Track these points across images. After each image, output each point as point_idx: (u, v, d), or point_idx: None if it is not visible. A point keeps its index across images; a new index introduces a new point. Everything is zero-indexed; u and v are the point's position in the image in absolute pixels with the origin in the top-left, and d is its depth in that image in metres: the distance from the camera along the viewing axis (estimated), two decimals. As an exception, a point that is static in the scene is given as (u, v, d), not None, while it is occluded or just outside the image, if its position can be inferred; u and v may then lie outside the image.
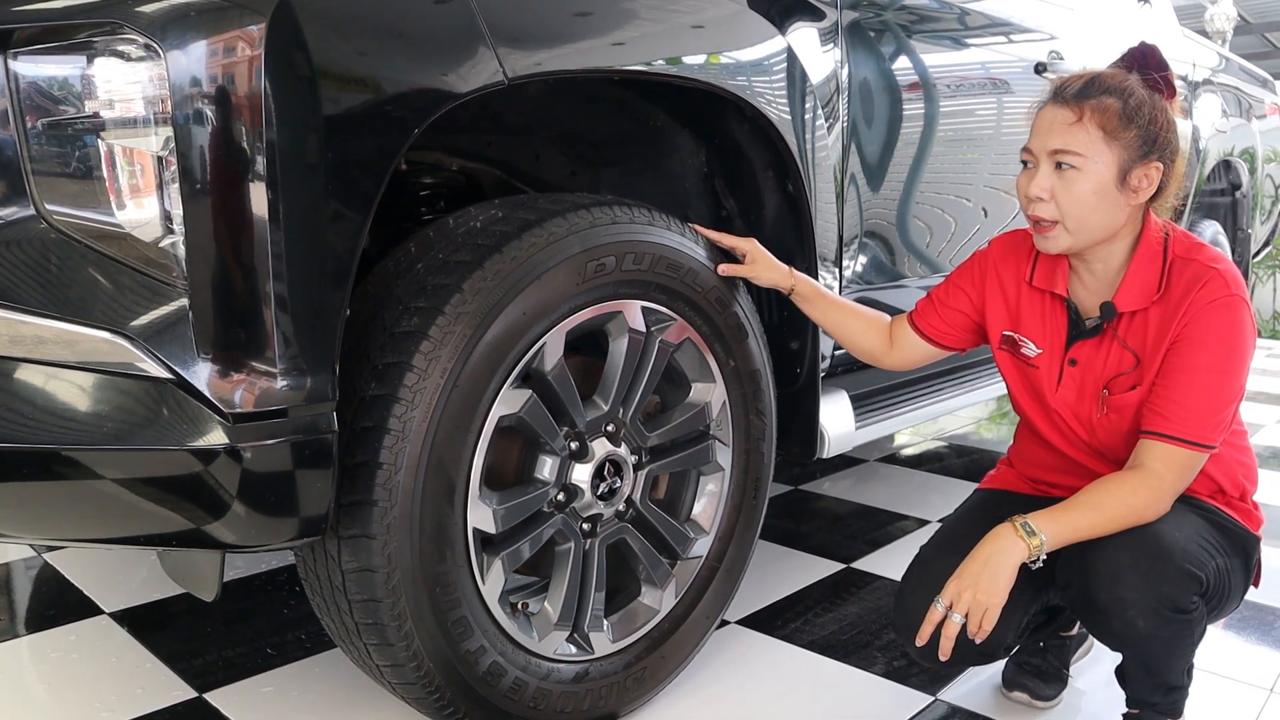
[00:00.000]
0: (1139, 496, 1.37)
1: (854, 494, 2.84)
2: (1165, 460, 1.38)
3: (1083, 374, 1.50)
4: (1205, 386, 1.38)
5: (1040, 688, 1.69)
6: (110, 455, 1.13)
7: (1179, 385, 1.39)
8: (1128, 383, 1.45)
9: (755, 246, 1.64)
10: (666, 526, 1.62)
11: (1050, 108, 1.40)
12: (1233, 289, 1.39)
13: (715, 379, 1.63)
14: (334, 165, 1.13)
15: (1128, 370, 1.45)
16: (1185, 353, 1.39)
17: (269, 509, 1.15)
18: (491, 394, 1.33)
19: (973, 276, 1.62)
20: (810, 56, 1.71)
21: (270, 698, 1.65)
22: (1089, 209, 1.38)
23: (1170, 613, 1.34)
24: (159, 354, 1.11)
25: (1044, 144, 1.39)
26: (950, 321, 1.64)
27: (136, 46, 1.07)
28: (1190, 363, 1.38)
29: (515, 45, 1.28)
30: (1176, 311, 1.40)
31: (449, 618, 1.34)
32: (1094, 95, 1.37)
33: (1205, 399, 1.38)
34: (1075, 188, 1.37)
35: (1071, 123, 1.36)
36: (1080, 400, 1.51)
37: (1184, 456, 1.38)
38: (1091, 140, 1.36)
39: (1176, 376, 1.39)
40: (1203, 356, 1.38)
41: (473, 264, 1.31)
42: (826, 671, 1.80)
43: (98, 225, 1.12)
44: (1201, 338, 1.38)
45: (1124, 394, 1.46)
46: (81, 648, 1.80)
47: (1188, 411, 1.38)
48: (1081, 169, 1.36)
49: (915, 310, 1.69)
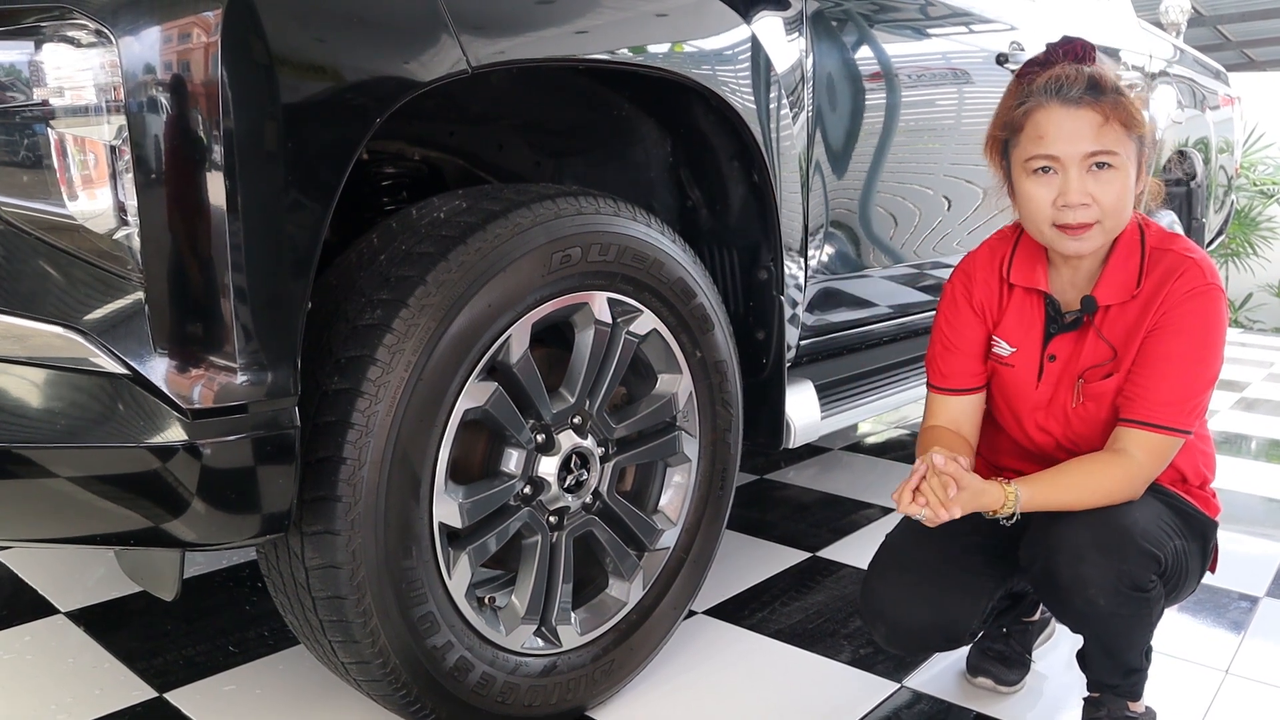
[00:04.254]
0: (1114, 480, 1.40)
1: (818, 482, 2.86)
2: (1143, 447, 1.40)
3: (1061, 368, 1.51)
4: (1182, 374, 1.39)
5: (1004, 673, 1.71)
6: (64, 453, 1.10)
7: (1156, 373, 1.40)
8: (1103, 372, 1.47)
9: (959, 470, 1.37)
10: (634, 518, 1.61)
11: (1060, 110, 1.36)
12: (1209, 278, 1.40)
13: (681, 370, 1.63)
14: (294, 155, 1.11)
15: (1104, 361, 1.47)
16: (1162, 341, 1.40)
17: (230, 506, 1.13)
18: (457, 387, 1.32)
19: (961, 306, 1.58)
20: (775, 45, 1.71)
21: (233, 696, 1.63)
22: (1125, 205, 1.39)
23: (1130, 591, 1.36)
24: (114, 349, 1.08)
25: (1075, 149, 1.35)
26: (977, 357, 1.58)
27: (87, 32, 1.04)
28: (1167, 351, 1.40)
29: (478, 33, 1.26)
30: (1153, 302, 1.42)
31: (415, 614, 1.32)
32: (1107, 93, 1.36)
33: (1182, 386, 1.40)
34: (1114, 187, 1.37)
35: (1100, 124, 1.35)
36: (1056, 394, 1.52)
37: (1160, 442, 1.40)
38: (1120, 138, 1.36)
39: (1154, 365, 1.41)
40: (1180, 345, 1.39)
41: (437, 255, 1.29)
42: (793, 660, 1.81)
43: (48, 217, 1.09)
44: (1178, 326, 1.39)
45: (1099, 382, 1.47)
46: (36, 648, 1.76)
47: (1165, 399, 1.40)
48: (1118, 167, 1.36)
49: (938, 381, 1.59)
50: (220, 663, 1.72)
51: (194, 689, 1.64)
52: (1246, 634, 1.95)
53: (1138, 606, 1.38)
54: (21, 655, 1.73)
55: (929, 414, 1.61)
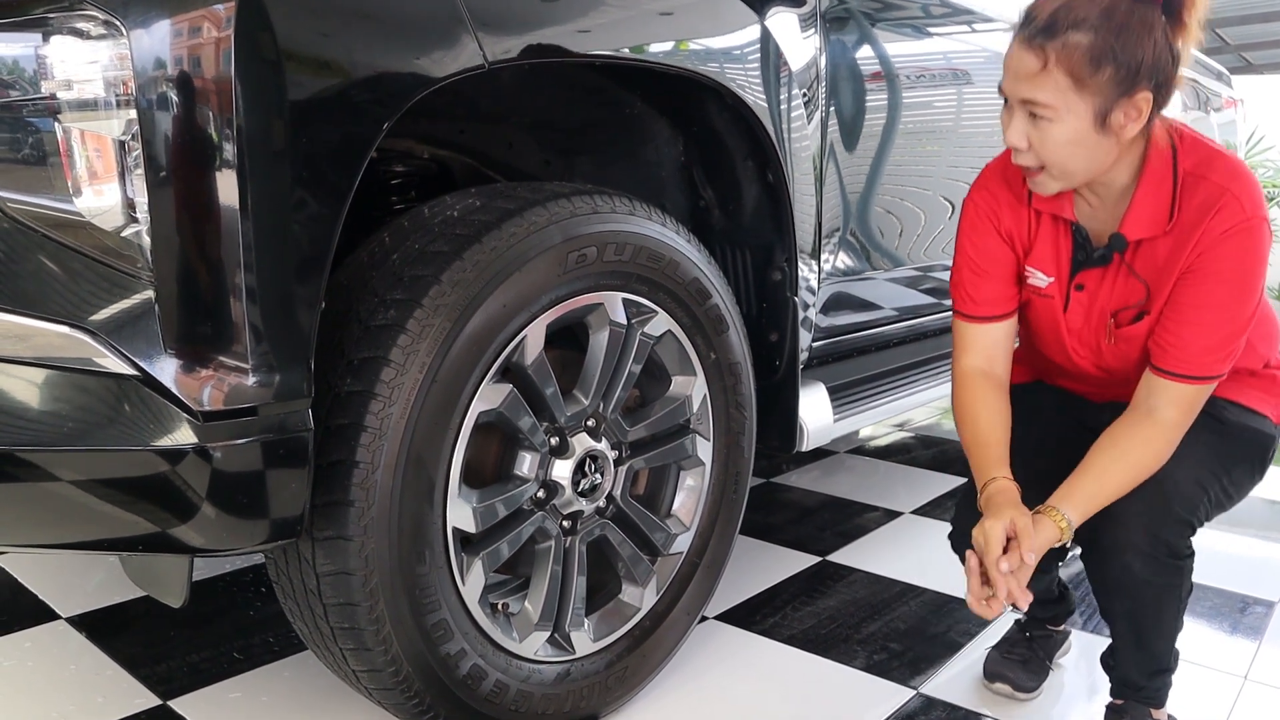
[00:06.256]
0: (1152, 451, 1.35)
1: (824, 486, 2.84)
2: (1177, 401, 1.34)
3: (1089, 300, 1.43)
4: (1219, 322, 1.31)
5: (1023, 679, 1.69)
6: (71, 456, 1.07)
7: (1191, 322, 1.32)
8: (1135, 313, 1.39)
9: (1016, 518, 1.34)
10: (647, 522, 1.58)
11: (1016, 46, 1.26)
12: (1248, 211, 1.28)
13: (696, 372, 1.60)
14: (308, 150, 1.08)
15: (1136, 302, 1.39)
16: (1198, 287, 1.31)
17: (240, 511, 1.10)
18: (471, 389, 1.29)
19: (985, 232, 1.48)
20: (790, 43, 1.68)
21: (238, 704, 1.59)
22: (1069, 157, 1.27)
23: (1166, 558, 1.35)
24: (122, 349, 1.06)
25: (1013, 90, 1.27)
26: (1009, 281, 1.48)
27: (97, 24, 1.01)
28: (1204, 299, 1.31)
29: (495, 28, 1.23)
30: (1189, 239, 1.31)
31: (428, 621, 1.29)
32: (1060, 32, 1.22)
33: (1219, 334, 1.32)
34: (1050, 138, 1.26)
35: (1036, 71, 1.23)
36: (1086, 326, 1.45)
37: (1194, 393, 1.35)
38: (1060, 90, 1.22)
39: (1189, 313, 1.32)
40: (1217, 291, 1.30)
41: (451, 255, 1.26)
42: (807, 666, 1.78)
43: (55, 213, 1.06)
44: (1215, 270, 1.30)
45: (1131, 325, 1.40)
46: (37, 654, 1.73)
47: (1200, 348, 1.32)
48: (1054, 120, 1.24)
49: (969, 309, 1.50)
50: (225, 669, 1.69)
51: (198, 696, 1.61)
52: (1264, 640, 1.93)
53: (1171, 575, 1.37)
54: (22, 662, 1.70)
55: (962, 349, 1.51)
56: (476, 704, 1.37)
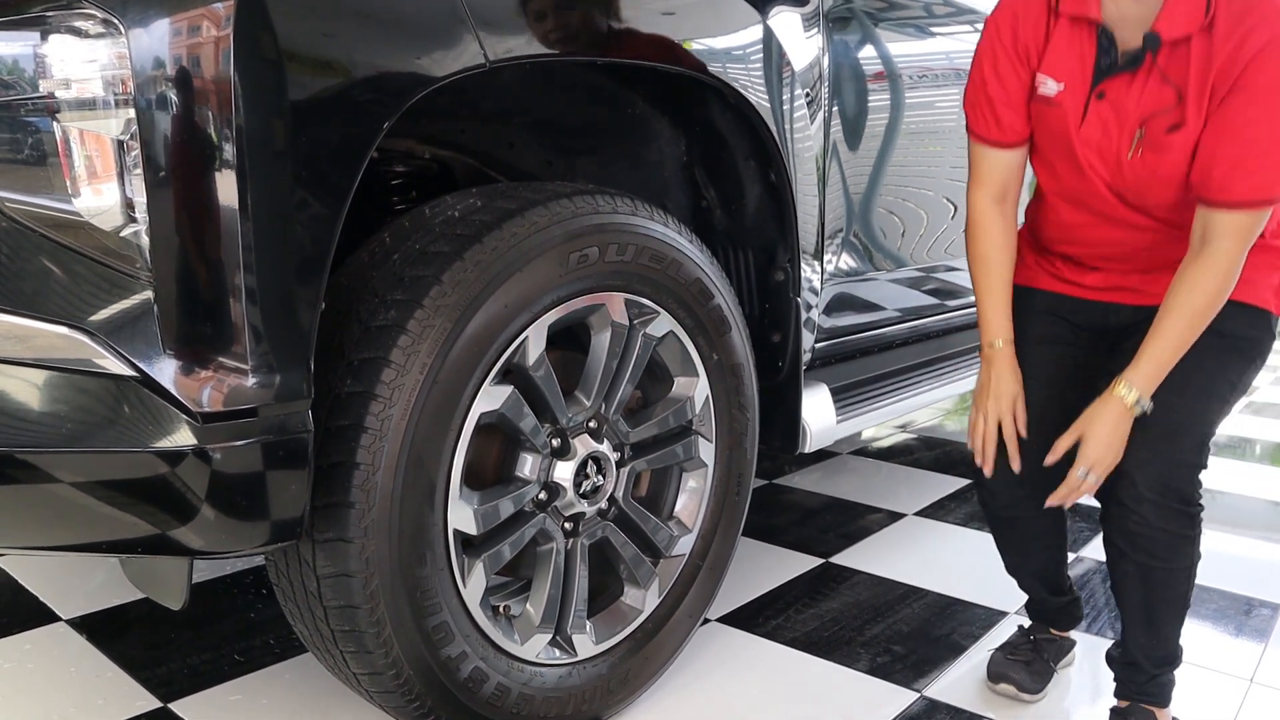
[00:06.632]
0: (1209, 291, 1.34)
1: (827, 487, 2.83)
2: (1234, 231, 1.32)
3: (1112, 110, 1.38)
4: (1267, 139, 1.28)
5: (1027, 680, 1.68)
6: (70, 458, 1.07)
7: (1239, 144, 1.29)
8: (1168, 122, 1.34)
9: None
10: (649, 524, 1.58)
11: None
12: None
13: (698, 373, 1.60)
14: (308, 150, 1.08)
15: (1168, 108, 1.34)
16: (1241, 106, 1.28)
17: (240, 512, 1.10)
18: (472, 390, 1.28)
19: (1002, 53, 1.45)
20: (793, 42, 1.68)
21: (238, 706, 1.59)
22: None
23: (1177, 504, 1.38)
24: (121, 350, 1.05)
25: None
26: (1023, 106, 1.46)
27: (95, 23, 1.01)
28: (1248, 117, 1.28)
29: (497, 27, 1.22)
30: (1223, 48, 1.28)
31: (429, 623, 1.29)
32: None
33: (1269, 153, 1.28)
34: None
35: None
36: (1106, 138, 1.40)
37: (1250, 220, 1.32)
38: None
39: (1234, 134, 1.29)
40: (1260, 107, 1.27)
41: (452, 255, 1.25)
42: (810, 669, 1.78)
43: (53, 213, 1.06)
44: (1258, 86, 1.27)
45: (1165, 135, 1.35)
46: (37, 656, 1.72)
47: (1250, 172, 1.29)
48: None
49: (988, 133, 1.50)
50: (225, 672, 1.69)
51: (198, 699, 1.60)
52: (1270, 642, 1.92)
53: (1184, 524, 1.39)
54: (22, 664, 1.70)
55: (979, 175, 1.52)
56: (478, 707, 1.36)
